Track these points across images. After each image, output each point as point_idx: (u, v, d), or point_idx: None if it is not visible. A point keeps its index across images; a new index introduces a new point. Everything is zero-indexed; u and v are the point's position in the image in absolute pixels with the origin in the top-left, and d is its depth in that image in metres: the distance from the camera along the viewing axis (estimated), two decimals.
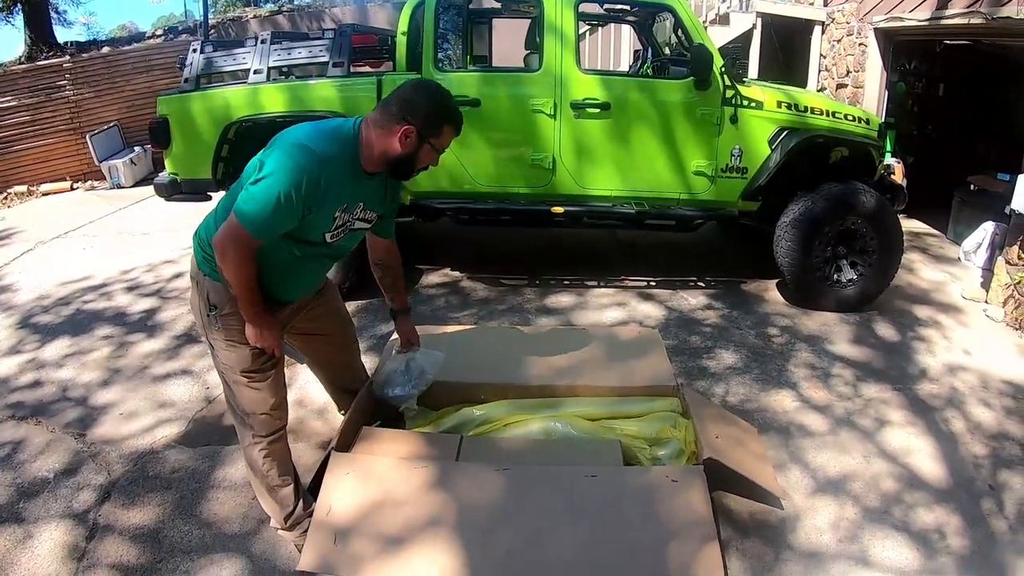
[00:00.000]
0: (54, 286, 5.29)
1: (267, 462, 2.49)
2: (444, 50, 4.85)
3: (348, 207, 2.28)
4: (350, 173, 2.23)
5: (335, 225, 2.28)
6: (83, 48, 10.43)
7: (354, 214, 2.32)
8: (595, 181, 4.68)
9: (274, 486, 2.52)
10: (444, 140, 2.30)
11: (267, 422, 2.45)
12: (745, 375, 3.90)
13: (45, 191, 9.09)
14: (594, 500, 2.30)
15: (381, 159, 2.25)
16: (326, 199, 2.17)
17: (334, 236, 2.32)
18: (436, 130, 2.25)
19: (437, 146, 2.29)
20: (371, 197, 2.36)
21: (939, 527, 2.82)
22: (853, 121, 4.76)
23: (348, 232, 2.37)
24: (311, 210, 2.15)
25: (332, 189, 2.17)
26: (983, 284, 5.19)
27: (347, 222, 2.32)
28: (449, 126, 2.28)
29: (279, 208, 2.07)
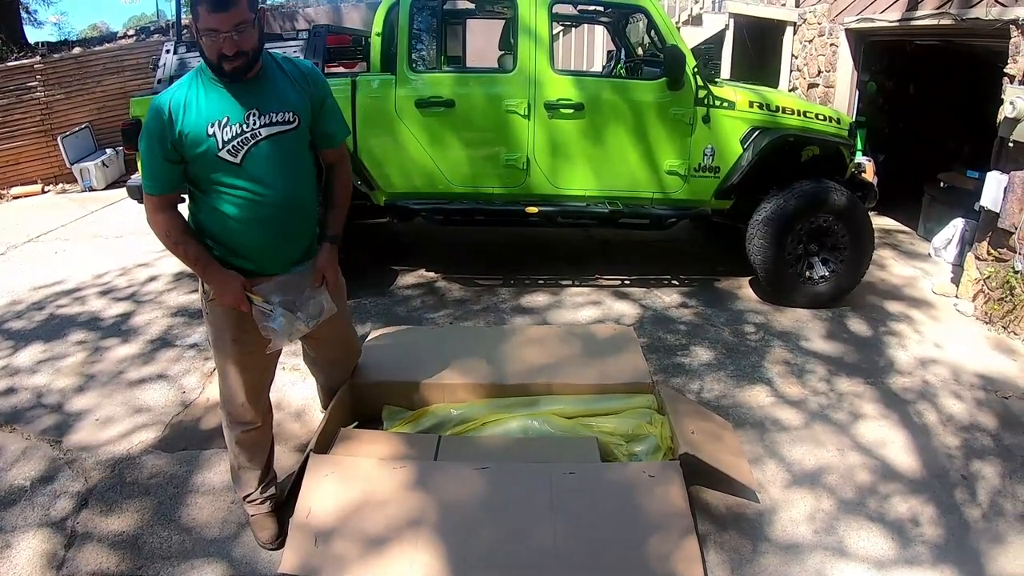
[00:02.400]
0: (26, 291, 5.22)
1: (236, 447, 2.60)
2: (418, 50, 4.86)
3: (229, 119, 2.17)
4: (208, 89, 2.18)
5: (221, 141, 2.17)
6: (54, 48, 10.30)
7: (248, 123, 2.20)
8: (569, 181, 4.71)
9: (241, 466, 2.64)
10: (204, 22, 2.07)
11: (237, 413, 2.52)
12: (720, 371, 3.94)
13: (15, 194, 8.95)
14: (573, 496, 2.33)
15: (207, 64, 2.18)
16: (184, 122, 2.14)
17: (236, 152, 2.20)
18: (195, 14, 2.09)
19: (203, 29, 2.08)
20: (265, 100, 2.22)
21: (914, 517, 2.87)
22: (824, 120, 4.82)
23: (259, 143, 2.23)
24: (179, 137, 2.14)
25: (186, 111, 2.14)
26: (953, 279, 5.28)
27: (241, 133, 2.19)
28: (200, 6, 2.07)
29: (148, 151, 2.16)
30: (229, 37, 2.06)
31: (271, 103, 2.23)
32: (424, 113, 4.54)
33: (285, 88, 2.27)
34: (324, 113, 2.41)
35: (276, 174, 2.28)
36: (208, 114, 2.16)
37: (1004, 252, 4.61)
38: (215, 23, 2.05)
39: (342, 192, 2.57)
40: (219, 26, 2.05)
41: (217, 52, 2.09)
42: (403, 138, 4.58)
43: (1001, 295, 4.56)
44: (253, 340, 2.40)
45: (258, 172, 2.24)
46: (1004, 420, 3.55)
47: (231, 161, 2.19)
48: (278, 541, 2.61)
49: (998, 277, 4.60)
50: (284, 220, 2.36)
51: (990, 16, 4.92)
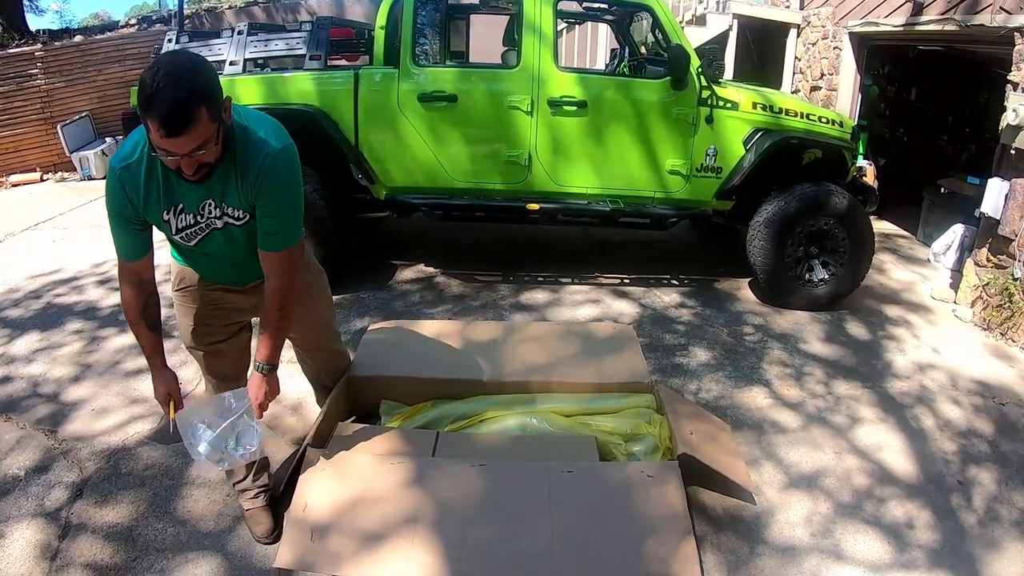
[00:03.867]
0: (24, 279, 5.21)
1: None
2: (422, 45, 4.84)
3: (183, 208, 2.01)
4: (161, 174, 1.95)
5: (175, 228, 2.04)
6: (55, 36, 10.25)
7: (202, 214, 2.03)
8: (571, 178, 4.70)
9: None
10: (154, 137, 1.74)
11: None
12: (718, 372, 3.94)
13: (14, 182, 8.92)
14: (570, 495, 2.32)
15: None
16: (142, 204, 1.96)
17: (190, 238, 2.09)
18: (144, 122, 1.76)
19: (153, 143, 1.77)
20: (219, 192, 2.01)
21: (910, 521, 2.87)
22: (827, 123, 4.82)
23: (207, 232, 2.09)
24: (140, 216, 2.01)
25: (142, 193, 1.95)
26: (952, 285, 5.28)
27: (195, 223, 2.05)
28: (149, 118, 1.72)
29: (112, 218, 2.03)
30: (187, 158, 1.80)
31: (225, 195, 2.03)
32: (427, 108, 4.53)
33: (233, 184, 2.01)
34: (265, 213, 2.06)
35: (231, 251, 2.18)
36: (163, 201, 1.98)
37: (1003, 259, 4.61)
38: (171, 147, 1.75)
39: (274, 312, 2.17)
40: (175, 150, 1.76)
41: (175, 167, 1.84)
42: (405, 132, 4.57)
43: (1000, 302, 4.56)
44: (214, 330, 2.44)
45: (212, 249, 2.16)
46: (1001, 426, 3.55)
47: (184, 244, 2.13)
48: (273, 535, 2.61)
49: (997, 284, 4.60)
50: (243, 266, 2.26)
51: (994, 23, 4.92)
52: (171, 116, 1.69)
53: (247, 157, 1.97)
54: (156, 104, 1.68)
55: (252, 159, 1.97)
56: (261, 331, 2.23)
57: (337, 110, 4.53)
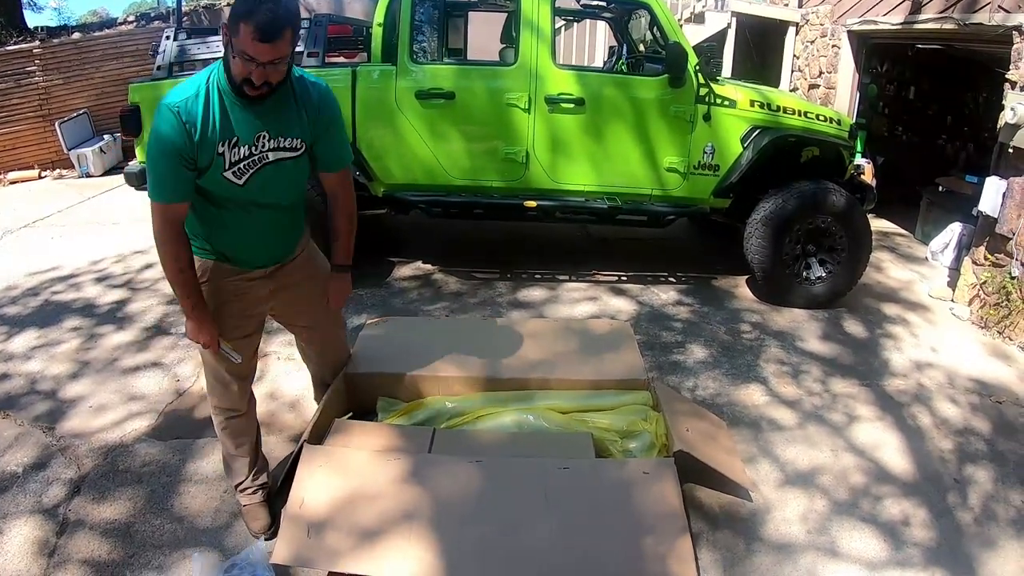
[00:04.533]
0: (22, 276, 5.20)
1: (223, 433, 2.61)
2: (420, 42, 4.85)
3: (239, 139, 2.11)
4: (221, 102, 2.08)
5: (229, 162, 2.12)
6: (53, 33, 10.22)
7: (257, 146, 2.15)
8: (568, 176, 4.70)
9: (230, 455, 2.66)
10: (242, 42, 1.93)
11: (221, 400, 2.54)
12: (715, 370, 3.94)
13: (12, 179, 8.92)
14: (567, 492, 2.32)
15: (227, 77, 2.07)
16: (199, 135, 2.05)
17: (240, 174, 2.16)
18: (234, 27, 1.94)
19: (238, 48, 1.95)
20: (274, 123, 2.16)
21: (906, 519, 2.87)
22: (825, 121, 4.82)
23: (264, 167, 2.20)
24: (194, 152, 2.06)
25: (201, 125, 2.04)
26: (950, 283, 5.28)
27: (249, 155, 2.15)
28: (242, 22, 1.92)
29: (162, 157, 2.04)
30: (262, 68, 1.98)
31: (281, 127, 2.18)
32: (424, 105, 4.53)
33: (294, 113, 2.20)
34: (328, 138, 2.32)
35: (274, 193, 2.28)
36: (219, 132, 2.08)
37: (1001, 257, 4.61)
38: (255, 52, 1.94)
39: (345, 221, 2.51)
40: (258, 56, 1.95)
41: (243, 77, 2.00)
42: (403, 130, 4.57)
43: (997, 300, 4.56)
44: (233, 327, 2.43)
45: (257, 192, 2.23)
46: (998, 425, 3.56)
47: (234, 182, 2.16)
48: (270, 531, 2.61)
49: (995, 282, 4.61)
50: (274, 230, 2.39)
51: (993, 22, 4.92)
52: (268, 24, 1.91)
53: (305, 90, 2.21)
54: (258, 12, 1.90)
55: (311, 91, 2.23)
56: (336, 239, 2.53)
57: None
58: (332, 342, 2.94)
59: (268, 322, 2.91)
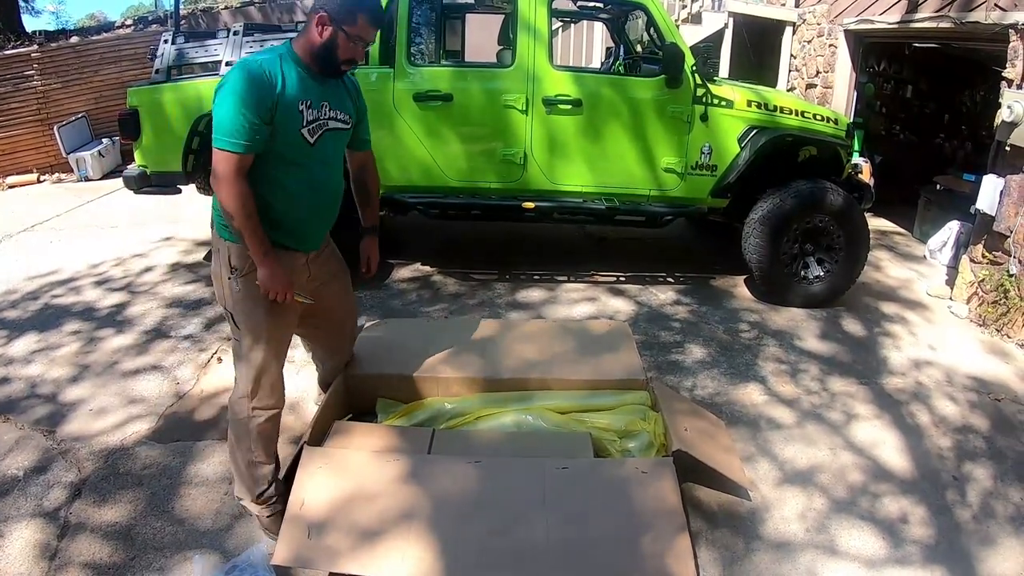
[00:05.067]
0: (21, 280, 5.21)
1: (257, 439, 2.51)
2: (417, 44, 4.85)
3: (312, 103, 2.32)
4: (296, 71, 2.29)
5: (306, 120, 2.31)
6: (51, 37, 10.22)
7: (322, 112, 2.37)
8: (566, 177, 4.71)
9: (256, 462, 2.53)
10: (360, 30, 2.29)
11: (264, 396, 2.48)
12: (714, 369, 3.95)
13: (11, 184, 8.90)
14: (566, 492, 2.33)
15: (309, 52, 2.31)
16: (282, 92, 2.23)
17: (312, 133, 2.35)
18: (350, 17, 2.25)
19: (352, 35, 2.28)
20: (333, 97, 2.42)
21: (905, 517, 2.88)
22: (822, 121, 4.83)
23: (326, 132, 2.40)
24: (274, 106, 2.21)
25: (284, 82, 2.23)
26: (948, 282, 5.30)
27: (318, 119, 2.36)
28: (360, 14, 2.27)
29: (241, 106, 2.15)
30: (364, 47, 2.35)
31: (338, 102, 2.44)
32: (422, 107, 4.54)
33: (345, 93, 2.50)
34: (363, 120, 2.67)
35: (331, 162, 2.50)
36: (300, 94, 2.28)
37: (999, 255, 4.62)
38: (368, 35, 2.32)
39: (375, 187, 2.88)
40: (368, 37, 2.33)
41: (349, 56, 2.32)
42: (400, 132, 4.58)
43: (995, 298, 4.58)
44: (286, 310, 2.44)
45: (322, 156, 2.43)
46: (996, 422, 3.57)
47: (307, 140, 2.34)
48: None
49: (992, 280, 4.62)
50: (326, 205, 2.55)
51: (989, 20, 4.93)
52: (378, 10, 2.38)
53: (348, 77, 2.56)
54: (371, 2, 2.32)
55: (351, 79, 2.60)
56: (368, 204, 2.87)
57: None
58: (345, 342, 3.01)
59: None
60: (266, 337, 2.41)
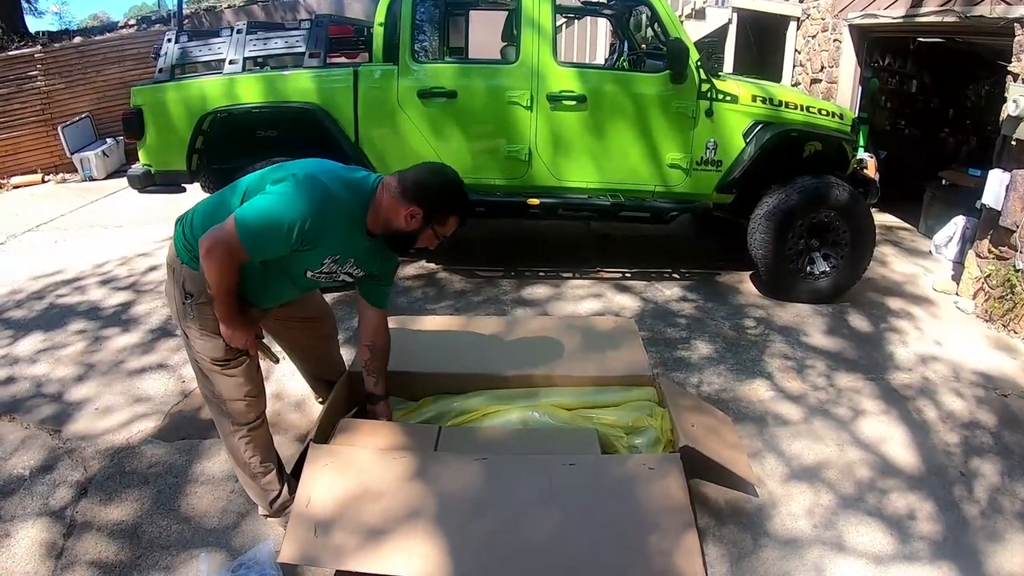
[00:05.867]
0: (26, 280, 5.22)
1: (248, 449, 2.51)
2: (421, 41, 4.84)
3: (340, 259, 2.32)
4: (352, 226, 2.28)
5: (321, 270, 2.33)
6: (55, 38, 10.25)
7: (343, 267, 2.36)
8: (571, 173, 4.70)
9: (256, 472, 2.55)
10: (447, 229, 2.38)
11: (244, 410, 2.46)
12: (720, 365, 3.94)
13: (16, 184, 8.93)
14: (572, 488, 2.32)
15: (384, 226, 2.31)
16: (322, 242, 2.21)
17: (316, 276, 2.37)
18: (442, 218, 2.33)
19: (439, 233, 2.37)
20: (365, 257, 2.40)
21: (912, 513, 2.87)
22: (827, 116, 4.81)
23: (331, 279, 2.42)
24: (306, 247, 2.19)
25: (331, 235, 2.21)
26: (954, 277, 5.28)
27: (333, 272, 2.36)
28: (455, 217, 2.37)
29: (278, 233, 2.11)
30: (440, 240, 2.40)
31: (366, 263, 2.43)
32: (426, 104, 4.54)
33: (375, 256, 2.44)
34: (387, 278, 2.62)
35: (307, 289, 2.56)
36: (335, 248, 2.28)
37: (1005, 250, 4.60)
38: (450, 231, 2.39)
39: (384, 361, 2.73)
40: (449, 233, 2.40)
41: (427, 244, 2.39)
42: (405, 129, 4.57)
43: (1002, 293, 4.55)
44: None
45: (312, 284, 2.46)
46: (1003, 418, 3.55)
47: (305, 276, 2.36)
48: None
49: (999, 275, 4.60)
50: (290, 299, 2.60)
51: (994, 14, 4.90)
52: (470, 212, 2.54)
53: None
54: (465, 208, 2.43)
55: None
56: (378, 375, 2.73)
57: (337, 107, 4.53)
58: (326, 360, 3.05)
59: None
60: (225, 360, 2.40)
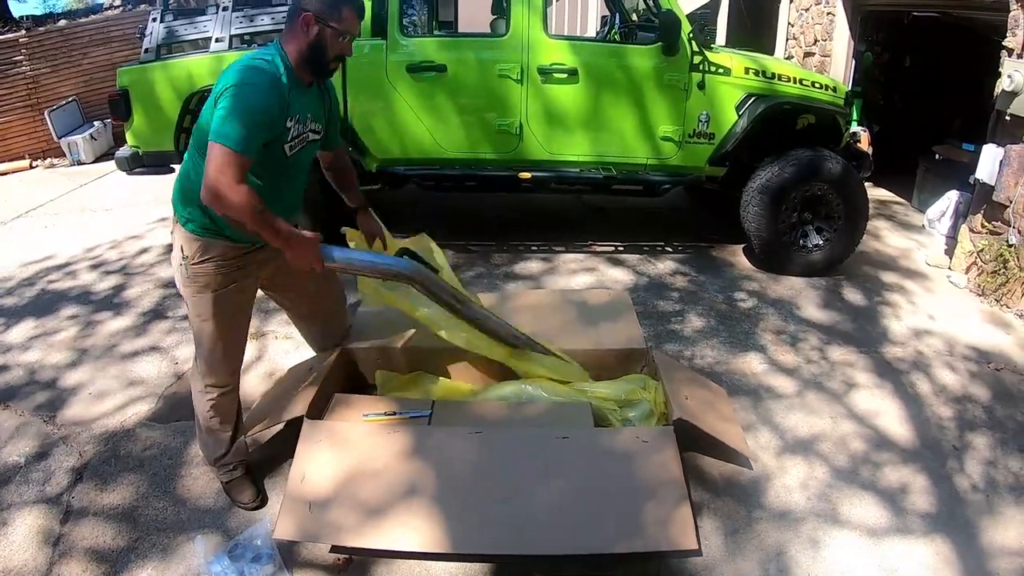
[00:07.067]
0: (16, 267, 5.18)
1: (212, 411, 2.60)
2: (409, 16, 4.80)
3: (299, 118, 2.33)
4: (291, 84, 2.28)
5: (291, 135, 2.32)
6: (39, 22, 10.10)
7: (305, 125, 2.38)
8: (563, 146, 4.68)
9: (212, 430, 2.65)
10: (346, 24, 2.29)
11: (216, 375, 2.55)
12: (714, 338, 3.94)
13: (3, 170, 8.85)
14: (567, 461, 2.32)
15: (299, 57, 2.29)
16: (285, 107, 2.24)
17: (293, 148, 2.35)
18: (335, 13, 2.26)
19: (341, 30, 2.28)
20: (314, 108, 2.42)
21: (906, 486, 2.88)
22: (820, 89, 4.78)
23: (304, 144, 2.42)
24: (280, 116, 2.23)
25: (284, 98, 2.24)
26: (947, 251, 5.27)
27: (302, 133, 2.37)
28: (347, 7, 2.28)
29: (257, 114, 2.14)
30: (351, 41, 2.35)
31: (317, 111, 2.45)
32: (415, 78, 4.49)
33: (320, 104, 2.48)
34: (334, 120, 2.64)
35: (300, 171, 2.51)
36: (291, 109, 2.28)
37: (998, 225, 4.59)
38: (355, 27, 2.33)
39: (351, 175, 2.85)
40: (354, 30, 2.33)
41: (338, 52, 2.33)
42: (394, 104, 4.54)
43: (994, 268, 4.55)
44: (234, 298, 2.47)
45: (293, 166, 2.42)
46: (996, 392, 3.56)
47: (285, 153, 2.34)
48: (258, 500, 2.69)
49: (992, 250, 4.59)
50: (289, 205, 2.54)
51: None
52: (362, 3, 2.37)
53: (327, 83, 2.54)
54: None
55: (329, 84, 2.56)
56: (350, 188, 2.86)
57: None
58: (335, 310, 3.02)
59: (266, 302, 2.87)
60: (214, 322, 2.46)
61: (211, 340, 2.49)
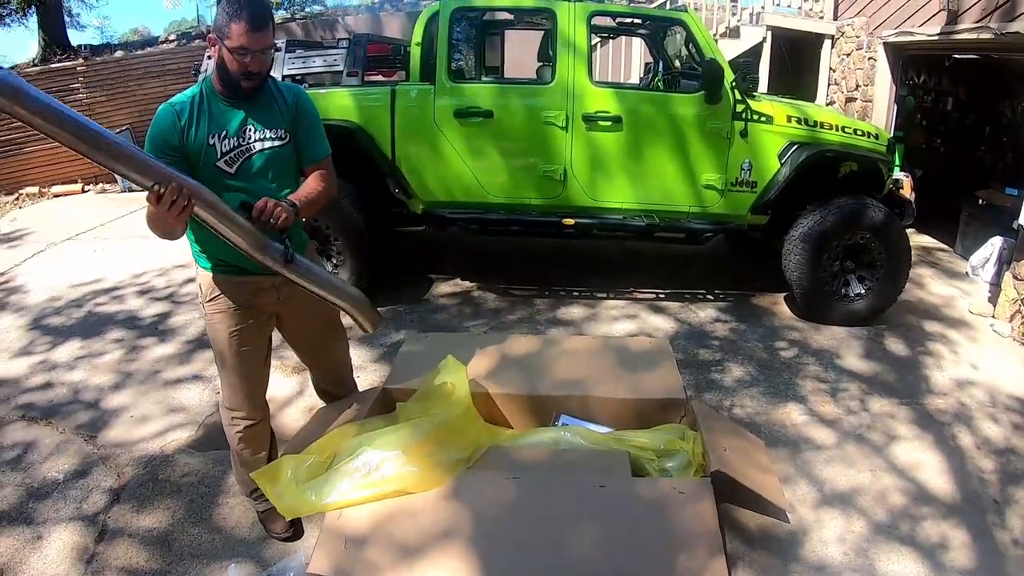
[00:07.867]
0: (65, 288, 5.32)
1: (241, 442, 2.64)
2: (457, 61, 4.90)
3: (227, 133, 2.31)
4: (212, 104, 2.31)
5: (220, 152, 2.30)
6: (96, 51, 10.50)
7: (243, 138, 2.34)
8: (606, 193, 4.70)
9: (246, 460, 2.67)
10: (235, 40, 2.19)
11: (238, 409, 2.60)
12: (753, 388, 3.91)
13: (56, 193, 9.14)
14: (603, 510, 2.31)
15: (216, 78, 2.32)
16: (193, 127, 2.27)
17: (232, 163, 2.33)
18: (225, 30, 2.21)
19: (233, 48, 2.20)
20: (259, 118, 2.37)
21: (945, 541, 2.83)
22: (863, 136, 4.77)
23: (249, 155, 2.35)
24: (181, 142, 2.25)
25: (193, 120, 2.27)
26: (991, 299, 5.19)
27: (238, 146, 2.33)
28: (235, 23, 2.18)
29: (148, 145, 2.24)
30: (256, 56, 2.23)
31: (266, 120, 2.39)
32: (462, 123, 4.57)
33: (275, 106, 2.42)
34: (305, 127, 2.50)
35: (265, 182, 2.40)
36: (212, 126, 2.30)
37: None
38: (248, 42, 2.19)
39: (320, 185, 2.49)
40: (251, 45, 2.20)
41: (242, 69, 2.23)
42: (441, 147, 4.61)
43: None
44: (249, 333, 2.51)
45: (250, 180, 2.37)
46: None
47: (225, 171, 2.33)
48: (291, 531, 2.72)
49: None
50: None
51: None
52: (257, 16, 2.19)
53: (282, 89, 2.48)
54: (246, 8, 2.17)
55: (288, 90, 2.50)
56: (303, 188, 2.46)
57: (374, 125, 4.58)
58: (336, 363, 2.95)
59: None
60: (230, 357, 2.52)
61: (230, 374, 2.56)
